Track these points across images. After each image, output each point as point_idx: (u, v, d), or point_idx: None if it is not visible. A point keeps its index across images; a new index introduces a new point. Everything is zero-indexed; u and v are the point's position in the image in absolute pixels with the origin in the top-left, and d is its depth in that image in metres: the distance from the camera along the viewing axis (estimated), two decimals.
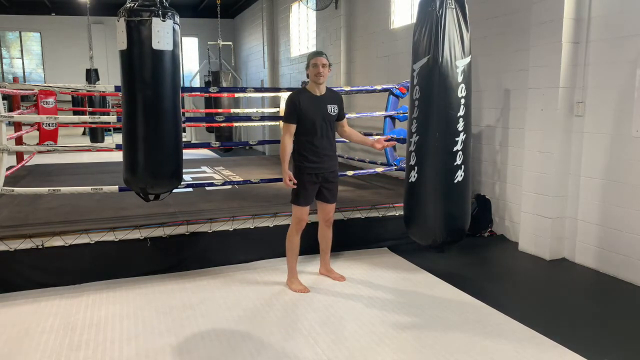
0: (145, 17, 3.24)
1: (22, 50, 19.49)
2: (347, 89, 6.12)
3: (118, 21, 3.29)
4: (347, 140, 4.28)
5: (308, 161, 3.79)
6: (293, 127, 3.78)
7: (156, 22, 3.25)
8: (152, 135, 3.43)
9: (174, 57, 3.41)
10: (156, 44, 3.28)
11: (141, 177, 3.49)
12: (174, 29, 3.35)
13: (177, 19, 3.37)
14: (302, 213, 3.88)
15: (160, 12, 3.26)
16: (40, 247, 3.92)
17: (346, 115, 4.17)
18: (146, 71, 3.35)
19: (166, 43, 3.32)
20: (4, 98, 11.09)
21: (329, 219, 4.06)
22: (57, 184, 5.46)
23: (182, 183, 3.80)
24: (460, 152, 3.86)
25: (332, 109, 3.85)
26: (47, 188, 4.40)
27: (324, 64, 3.75)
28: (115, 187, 4.39)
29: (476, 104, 5.35)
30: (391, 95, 6.10)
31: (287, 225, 4.56)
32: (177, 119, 3.55)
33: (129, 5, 3.26)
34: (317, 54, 3.81)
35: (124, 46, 3.31)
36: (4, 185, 4.42)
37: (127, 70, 3.37)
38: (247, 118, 9.00)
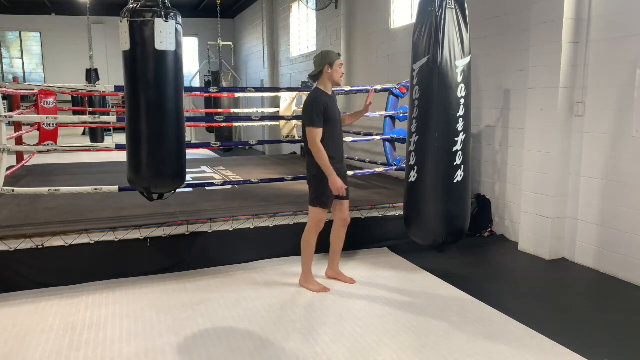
0: (148, 18, 3.24)
1: (22, 50, 19.49)
2: (347, 89, 6.13)
3: (121, 22, 3.29)
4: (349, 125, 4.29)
5: (334, 162, 3.72)
6: (322, 131, 3.66)
7: (159, 22, 3.26)
8: (156, 135, 3.44)
9: (177, 57, 3.42)
10: (159, 45, 3.29)
11: (145, 177, 3.50)
12: (176, 30, 3.36)
13: (180, 19, 3.38)
14: (324, 215, 3.86)
15: (162, 13, 3.26)
16: (40, 247, 3.92)
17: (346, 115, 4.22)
18: (149, 72, 3.36)
19: (169, 43, 3.33)
20: (4, 98, 11.10)
21: (346, 217, 4.01)
22: (57, 184, 5.46)
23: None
24: (459, 152, 3.87)
25: (338, 107, 3.91)
26: (47, 188, 4.39)
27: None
28: (115, 187, 4.39)
29: (476, 104, 5.35)
30: (391, 95, 6.10)
31: (287, 225, 4.60)
32: (180, 119, 3.56)
33: (131, 6, 3.26)
34: (339, 55, 3.83)
35: (127, 47, 3.31)
36: (4, 185, 4.42)
37: (130, 71, 3.38)
38: (247, 118, 8.98)
